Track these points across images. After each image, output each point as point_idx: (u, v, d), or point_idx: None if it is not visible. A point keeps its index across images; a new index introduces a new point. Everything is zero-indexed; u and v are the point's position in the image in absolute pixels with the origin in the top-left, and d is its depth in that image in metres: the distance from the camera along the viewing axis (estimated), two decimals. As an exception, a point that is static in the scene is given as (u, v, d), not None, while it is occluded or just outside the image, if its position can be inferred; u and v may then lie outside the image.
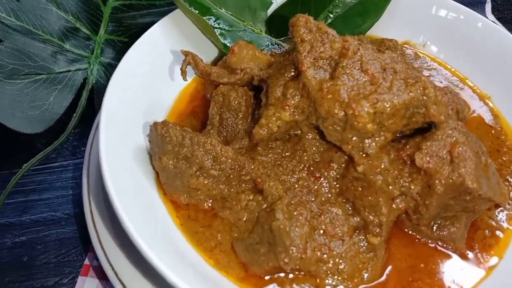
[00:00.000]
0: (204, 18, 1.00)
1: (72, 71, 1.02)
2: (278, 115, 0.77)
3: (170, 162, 0.80)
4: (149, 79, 0.93)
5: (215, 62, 1.02)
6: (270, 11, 1.10)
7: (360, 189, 0.75)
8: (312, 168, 0.80)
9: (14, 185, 0.91)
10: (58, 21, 1.02)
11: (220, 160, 0.79)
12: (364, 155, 0.73)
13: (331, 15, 1.12)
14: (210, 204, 0.81)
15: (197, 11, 1.00)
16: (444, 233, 0.77)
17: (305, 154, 0.80)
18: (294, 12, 0.83)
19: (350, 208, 0.77)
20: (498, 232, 0.82)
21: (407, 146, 0.75)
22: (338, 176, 0.78)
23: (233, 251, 0.77)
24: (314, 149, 0.80)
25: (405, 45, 1.11)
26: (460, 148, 0.71)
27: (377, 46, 0.94)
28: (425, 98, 0.71)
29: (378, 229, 0.74)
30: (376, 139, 0.72)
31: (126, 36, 1.09)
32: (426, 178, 0.72)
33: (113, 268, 0.78)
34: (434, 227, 0.78)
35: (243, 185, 0.80)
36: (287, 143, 0.83)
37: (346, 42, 0.75)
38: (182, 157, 0.80)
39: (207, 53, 1.03)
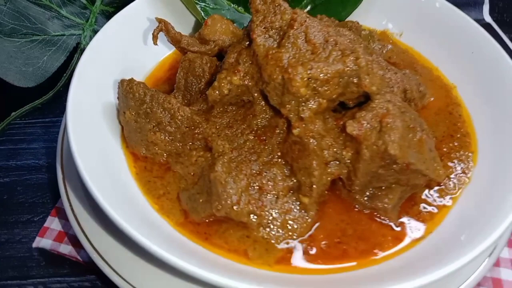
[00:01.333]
0: (189, -7, 1.08)
1: (67, 35, 1.12)
2: (229, 78, 0.84)
3: (132, 116, 0.88)
4: (129, 46, 1.02)
5: (193, 35, 1.10)
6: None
7: (297, 152, 0.80)
8: (259, 132, 0.86)
9: (1, 131, 1.02)
10: (57, -11, 1.12)
11: (177, 118, 0.86)
12: (300, 118, 0.78)
13: (315, 1, 1.17)
14: (165, 158, 0.88)
15: (182, -13, 1.08)
16: (377, 202, 0.81)
17: (254, 118, 0.86)
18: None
19: (288, 171, 0.82)
20: (433, 209, 0.84)
21: (345, 116, 0.80)
22: (281, 140, 0.84)
23: (178, 200, 0.84)
24: (263, 115, 0.86)
25: (383, 34, 1.15)
26: (389, 119, 0.75)
27: (340, 26, 0.98)
28: (357, 68, 0.76)
29: (309, 190, 0.79)
30: (311, 104, 0.77)
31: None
32: (356, 145, 0.77)
33: (71, 206, 0.86)
34: (367, 196, 0.82)
35: (196, 142, 0.87)
36: (241, 108, 0.89)
37: (295, 14, 0.80)
38: (142, 112, 0.87)
39: (189, 26, 1.11)
